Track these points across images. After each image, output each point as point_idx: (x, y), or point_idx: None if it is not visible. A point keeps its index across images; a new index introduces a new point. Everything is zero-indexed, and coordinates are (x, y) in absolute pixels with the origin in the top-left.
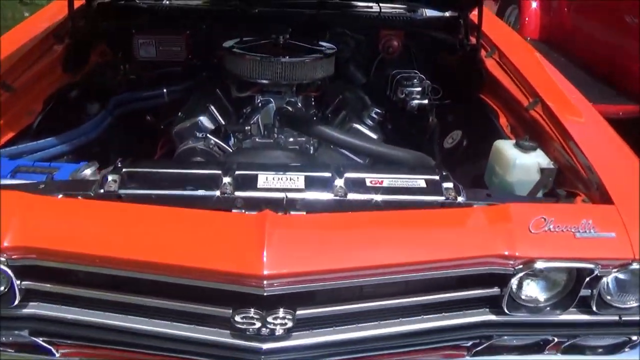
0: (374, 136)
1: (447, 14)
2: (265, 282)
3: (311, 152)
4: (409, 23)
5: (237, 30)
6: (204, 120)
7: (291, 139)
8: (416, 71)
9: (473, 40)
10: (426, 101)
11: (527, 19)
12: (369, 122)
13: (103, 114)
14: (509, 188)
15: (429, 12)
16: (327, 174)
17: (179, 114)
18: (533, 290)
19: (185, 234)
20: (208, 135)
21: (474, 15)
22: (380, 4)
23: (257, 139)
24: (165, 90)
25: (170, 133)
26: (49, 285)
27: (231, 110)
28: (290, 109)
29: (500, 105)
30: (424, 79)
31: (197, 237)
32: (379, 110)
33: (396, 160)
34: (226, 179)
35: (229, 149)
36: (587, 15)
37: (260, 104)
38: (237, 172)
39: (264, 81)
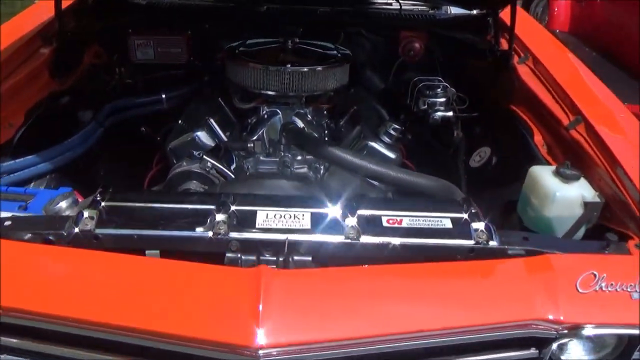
0: (391, 155)
1: (474, 12)
2: (260, 352)
3: (321, 172)
4: (432, 23)
5: (244, 29)
6: (201, 135)
7: (299, 158)
8: (440, 78)
9: (504, 43)
10: (451, 113)
11: (556, 9)
12: (386, 139)
13: (93, 125)
14: (547, 223)
15: (454, 10)
16: (338, 211)
17: (179, 121)
18: (577, 352)
19: (170, 294)
20: (204, 156)
21: (504, 13)
22: (401, 1)
23: (261, 157)
24: (164, 96)
25: (166, 148)
26: (16, 340)
27: (234, 121)
28: (298, 123)
29: (535, 120)
30: (449, 87)
31: (183, 299)
32: (397, 127)
33: (418, 190)
34: (220, 217)
35: (228, 172)
36: (621, 7)
37: (265, 116)
38: (232, 208)
39: (270, 92)
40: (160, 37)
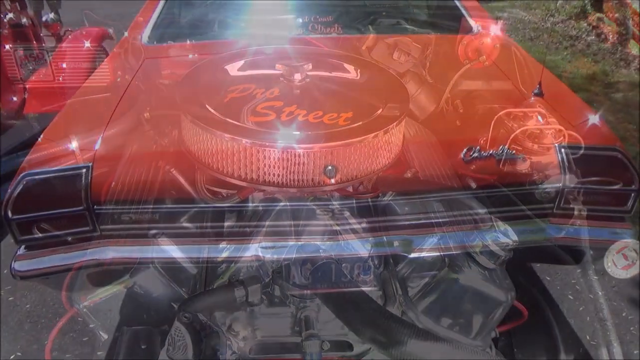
0: (501, 299)
1: None
2: None
3: None
4: None
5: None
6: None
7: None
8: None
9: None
10: None
11: None
12: (489, 263)
13: None
14: None
15: None
16: None
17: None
18: None
19: None
20: None
21: None
22: None
23: (261, 309)
24: None
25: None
26: None
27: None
28: (342, 269)
29: None
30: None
31: None
32: (506, 236)
33: None
34: None
35: None
36: None
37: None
38: None
39: (265, 188)
40: None
